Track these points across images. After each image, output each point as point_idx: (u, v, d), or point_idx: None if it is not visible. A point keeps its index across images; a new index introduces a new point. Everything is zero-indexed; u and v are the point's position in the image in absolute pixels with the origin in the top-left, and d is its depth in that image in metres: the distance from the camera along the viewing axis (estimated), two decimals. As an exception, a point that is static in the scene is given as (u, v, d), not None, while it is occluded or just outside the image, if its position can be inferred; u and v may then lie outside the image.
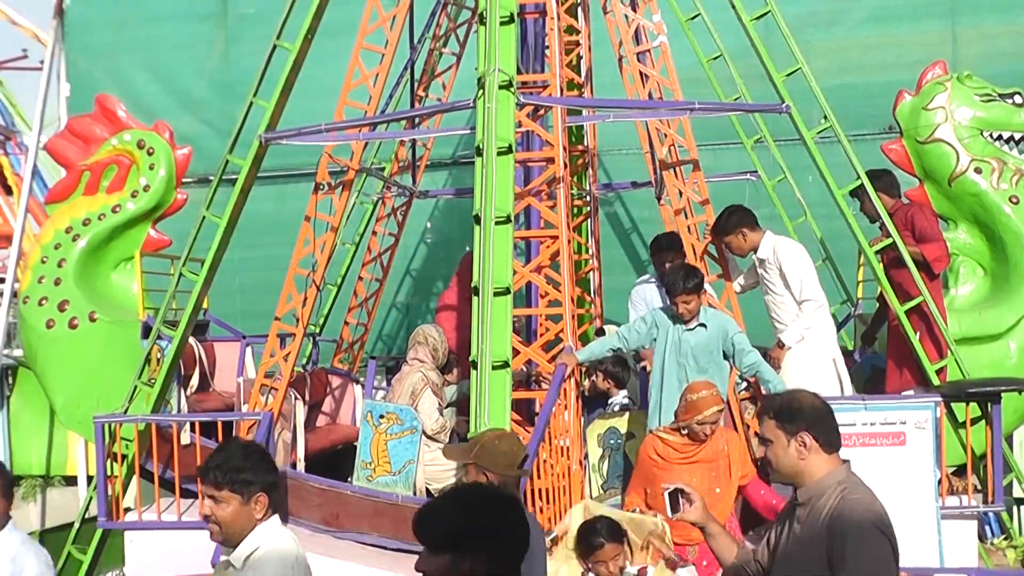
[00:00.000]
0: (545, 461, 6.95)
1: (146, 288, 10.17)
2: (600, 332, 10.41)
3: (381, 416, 8.44)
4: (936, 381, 8.19)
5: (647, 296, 9.49)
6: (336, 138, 8.66)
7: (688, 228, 8.82)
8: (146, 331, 9.39)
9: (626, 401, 8.96)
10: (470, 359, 6.63)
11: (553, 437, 7.10)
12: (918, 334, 8.32)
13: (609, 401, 9.01)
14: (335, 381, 11.30)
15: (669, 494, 4.37)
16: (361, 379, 11.19)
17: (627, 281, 13.77)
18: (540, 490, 6.87)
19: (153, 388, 8.90)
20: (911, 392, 8.37)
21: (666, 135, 9.17)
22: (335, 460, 10.21)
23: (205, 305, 11.29)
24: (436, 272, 14.91)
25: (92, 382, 9.86)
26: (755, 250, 8.49)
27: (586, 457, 8.46)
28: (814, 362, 8.18)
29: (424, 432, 8.37)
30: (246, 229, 9.96)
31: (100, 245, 10.35)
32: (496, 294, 6.63)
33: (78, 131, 10.64)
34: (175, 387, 9.52)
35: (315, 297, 9.22)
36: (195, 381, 10.32)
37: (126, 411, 8.85)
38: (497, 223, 6.82)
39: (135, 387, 9.00)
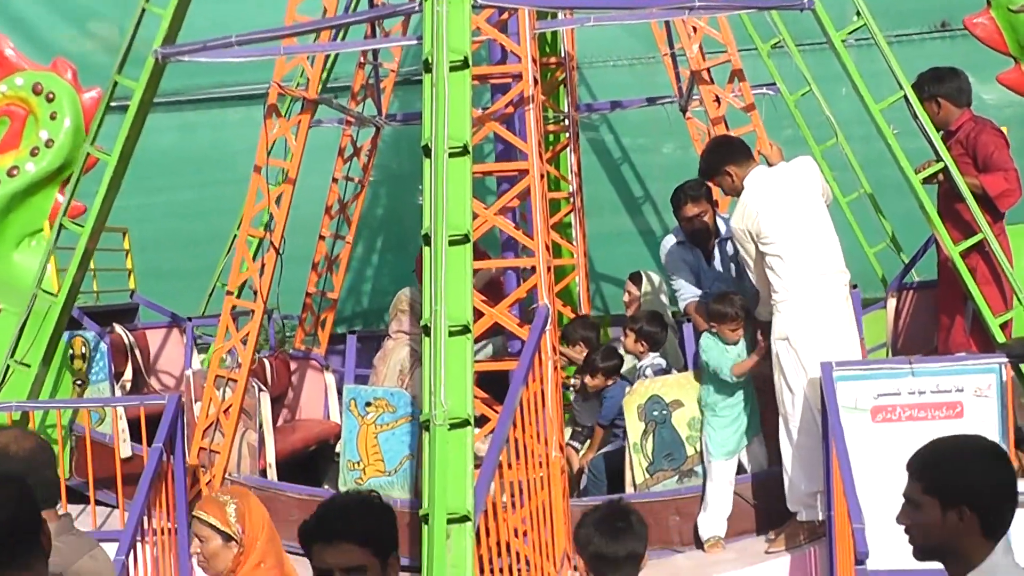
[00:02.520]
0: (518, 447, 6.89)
1: (61, 268, 9.92)
2: (635, 277, 10.36)
3: (367, 404, 8.42)
4: (1000, 337, 8.11)
5: (689, 259, 9.29)
6: (249, 52, 8.54)
7: None
8: (70, 321, 9.31)
9: (662, 363, 8.98)
10: (421, 323, 6.53)
11: (527, 418, 7.02)
12: (977, 277, 8.22)
13: (637, 366, 9.02)
14: (295, 367, 11.26)
15: None
16: (328, 363, 11.13)
17: (616, 224, 13.80)
18: (512, 483, 6.80)
19: (30, 369, 8.79)
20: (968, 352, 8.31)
21: (695, 28, 9.08)
22: (309, 463, 10.19)
23: (132, 286, 11.25)
24: (383, 216, 14.83)
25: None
26: None
27: (624, 435, 8.51)
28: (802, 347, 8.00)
29: None
30: (143, 167, 9.88)
31: (-4, 219, 10.15)
32: (452, 243, 6.51)
33: (-47, 80, 10.37)
34: (106, 386, 9.46)
35: (275, 263, 9.17)
36: (128, 376, 10.26)
37: (-6, 397, 8.75)
38: (451, 155, 6.69)
39: (7, 368, 8.89)
